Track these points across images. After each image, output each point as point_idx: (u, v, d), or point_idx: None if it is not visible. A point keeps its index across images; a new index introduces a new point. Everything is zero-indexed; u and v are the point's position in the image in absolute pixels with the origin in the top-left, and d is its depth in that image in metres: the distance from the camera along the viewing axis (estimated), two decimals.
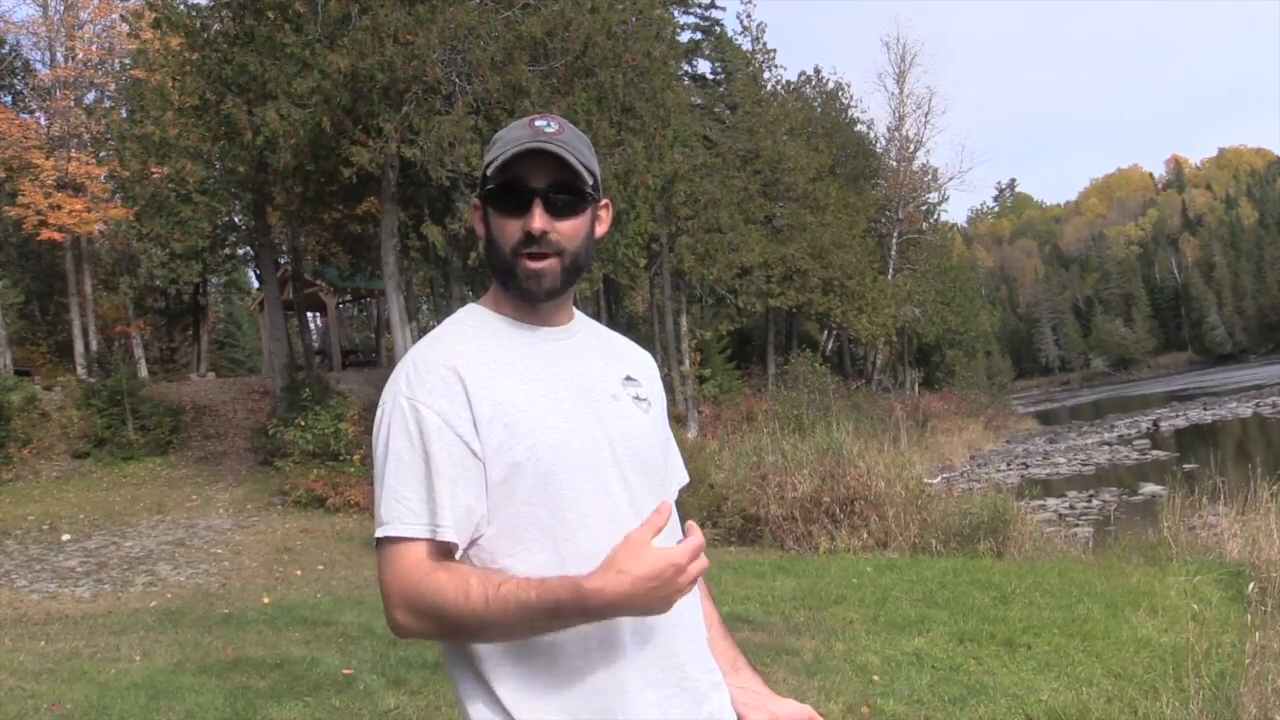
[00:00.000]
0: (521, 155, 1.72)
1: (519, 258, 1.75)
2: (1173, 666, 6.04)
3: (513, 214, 1.75)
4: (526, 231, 1.74)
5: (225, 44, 18.36)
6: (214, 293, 41.52)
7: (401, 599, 1.62)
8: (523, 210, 1.74)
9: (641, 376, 1.90)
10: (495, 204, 1.77)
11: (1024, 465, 29.86)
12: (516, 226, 1.75)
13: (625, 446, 1.77)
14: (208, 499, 18.61)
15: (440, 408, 1.66)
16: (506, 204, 1.76)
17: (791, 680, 6.17)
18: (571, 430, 1.71)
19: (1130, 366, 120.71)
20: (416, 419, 1.66)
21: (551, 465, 1.67)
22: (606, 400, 1.79)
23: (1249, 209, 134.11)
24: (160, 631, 8.96)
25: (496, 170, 1.75)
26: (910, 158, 50.67)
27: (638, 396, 1.86)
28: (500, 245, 1.77)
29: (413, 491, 1.65)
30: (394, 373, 1.76)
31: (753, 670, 1.98)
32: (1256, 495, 10.25)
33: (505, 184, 1.75)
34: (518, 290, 1.78)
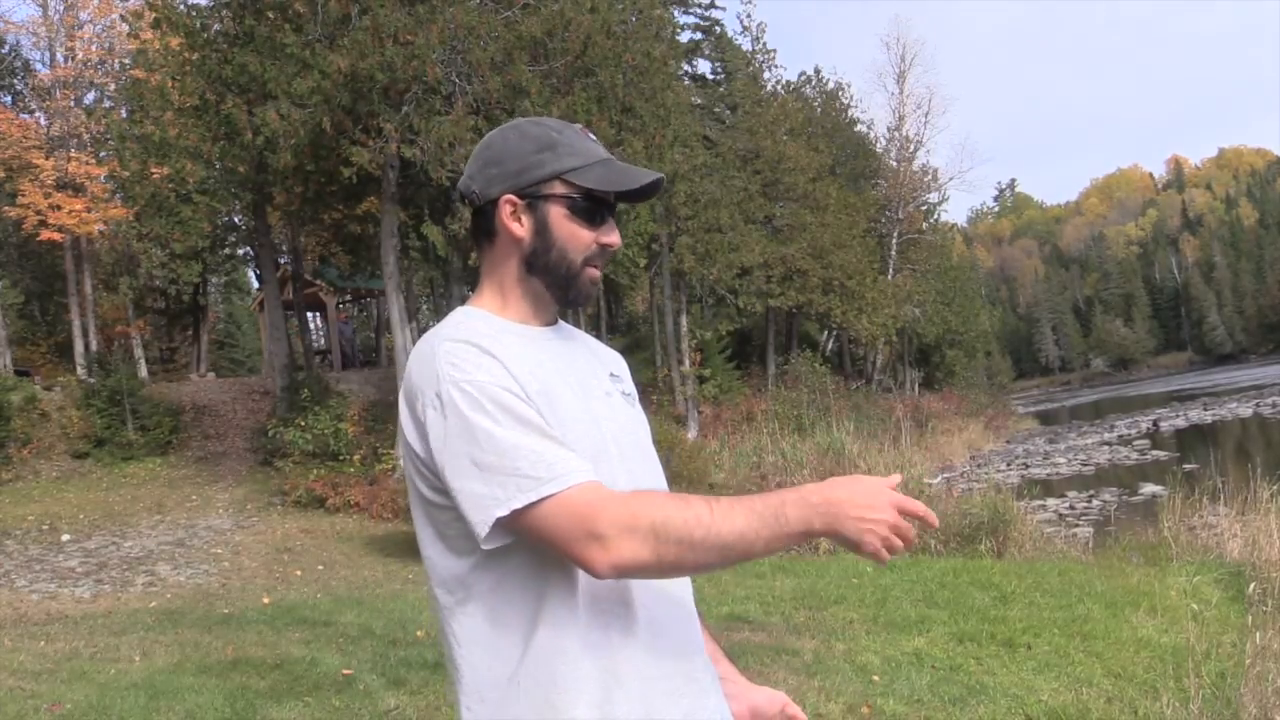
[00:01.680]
0: (630, 177, 1.78)
1: (587, 266, 1.78)
2: (1173, 667, 6.04)
3: (590, 225, 1.77)
4: (603, 244, 1.78)
5: (225, 44, 18.35)
6: (214, 293, 41.51)
7: (615, 525, 1.51)
8: (598, 223, 1.78)
9: (621, 373, 1.93)
10: (580, 214, 1.77)
11: (1024, 465, 29.85)
12: (591, 237, 1.77)
13: (626, 439, 1.79)
14: (207, 499, 18.60)
15: (497, 377, 1.63)
16: (587, 215, 1.77)
17: (791, 680, 6.17)
18: (588, 424, 1.71)
19: (1130, 367, 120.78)
20: (483, 393, 1.61)
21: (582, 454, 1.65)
22: (602, 396, 1.80)
23: (1249, 209, 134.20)
24: (160, 632, 8.96)
25: (596, 182, 1.76)
26: (910, 158, 50.65)
27: (624, 393, 1.88)
28: (569, 253, 1.77)
29: (541, 446, 1.57)
30: (418, 370, 1.68)
31: (729, 662, 2.00)
32: (1256, 495, 10.26)
33: (592, 196, 1.76)
34: (574, 294, 1.80)
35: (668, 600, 1.73)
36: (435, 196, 18.78)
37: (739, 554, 1.54)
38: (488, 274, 1.84)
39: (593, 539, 1.51)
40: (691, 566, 1.56)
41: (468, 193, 1.82)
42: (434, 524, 1.68)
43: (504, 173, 1.77)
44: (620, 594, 1.65)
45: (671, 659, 1.70)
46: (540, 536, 1.56)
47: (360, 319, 39.31)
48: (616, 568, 1.52)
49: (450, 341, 1.67)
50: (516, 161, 1.77)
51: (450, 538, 1.65)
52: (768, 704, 1.97)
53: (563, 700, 1.59)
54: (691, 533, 1.50)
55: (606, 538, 1.51)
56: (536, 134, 1.79)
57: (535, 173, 1.76)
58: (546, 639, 1.60)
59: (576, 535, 1.52)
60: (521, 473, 1.55)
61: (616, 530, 1.51)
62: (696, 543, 1.51)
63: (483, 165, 1.81)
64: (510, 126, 1.85)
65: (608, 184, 1.76)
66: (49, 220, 26.87)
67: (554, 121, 1.83)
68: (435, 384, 1.63)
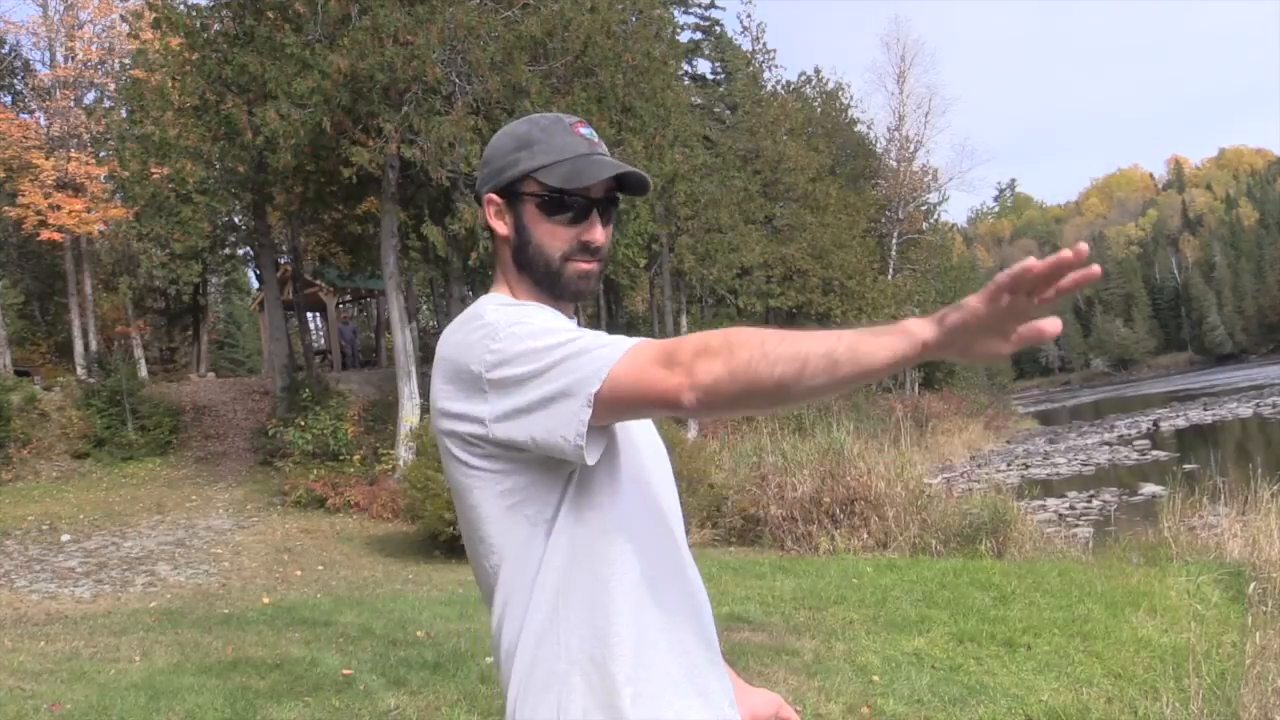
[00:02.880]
0: (595, 170, 1.75)
1: (568, 262, 1.77)
2: (1173, 667, 6.04)
3: (567, 223, 1.77)
4: (583, 241, 1.77)
5: (225, 44, 18.35)
6: (214, 293, 41.50)
7: (688, 349, 1.46)
8: (578, 219, 1.77)
9: None
10: (550, 211, 1.76)
11: (1024, 465, 29.84)
12: (570, 235, 1.77)
13: (639, 432, 1.80)
14: (207, 499, 18.60)
15: (549, 315, 1.66)
16: (563, 213, 1.76)
17: (791, 680, 6.17)
18: None
19: (1130, 367, 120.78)
20: (537, 319, 1.62)
21: (616, 442, 1.67)
22: None
23: (1249, 209, 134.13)
24: (160, 632, 8.95)
25: (560, 180, 1.74)
26: (910, 158, 50.61)
27: None
28: (546, 250, 1.77)
29: (588, 340, 1.55)
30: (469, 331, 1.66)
31: (726, 663, 2.02)
32: (1257, 495, 10.25)
33: (567, 193, 1.75)
34: (562, 291, 1.79)
35: (702, 598, 1.78)
36: (435, 196, 18.78)
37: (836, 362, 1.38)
38: (498, 270, 1.87)
39: (673, 366, 1.46)
40: (778, 382, 1.41)
41: (475, 191, 1.87)
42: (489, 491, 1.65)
43: (490, 172, 1.81)
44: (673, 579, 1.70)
45: (706, 657, 1.73)
46: (629, 399, 1.50)
47: (360, 319, 39.29)
48: (699, 389, 1.44)
49: (494, 306, 1.70)
50: (499, 161, 1.80)
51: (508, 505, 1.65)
52: (763, 706, 1.99)
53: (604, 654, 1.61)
54: (764, 342, 1.41)
55: (683, 363, 1.45)
56: (521, 133, 1.81)
57: (510, 172, 1.78)
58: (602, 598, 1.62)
59: (656, 375, 1.47)
60: (588, 352, 1.52)
61: (690, 354, 1.45)
62: (770, 352, 1.40)
63: (482, 164, 1.85)
64: (506, 126, 1.86)
65: (569, 180, 1.74)
66: (49, 220, 26.88)
67: (547, 118, 1.82)
68: (492, 334, 1.61)
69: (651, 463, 1.78)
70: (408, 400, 18.76)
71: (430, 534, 13.91)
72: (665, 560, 1.71)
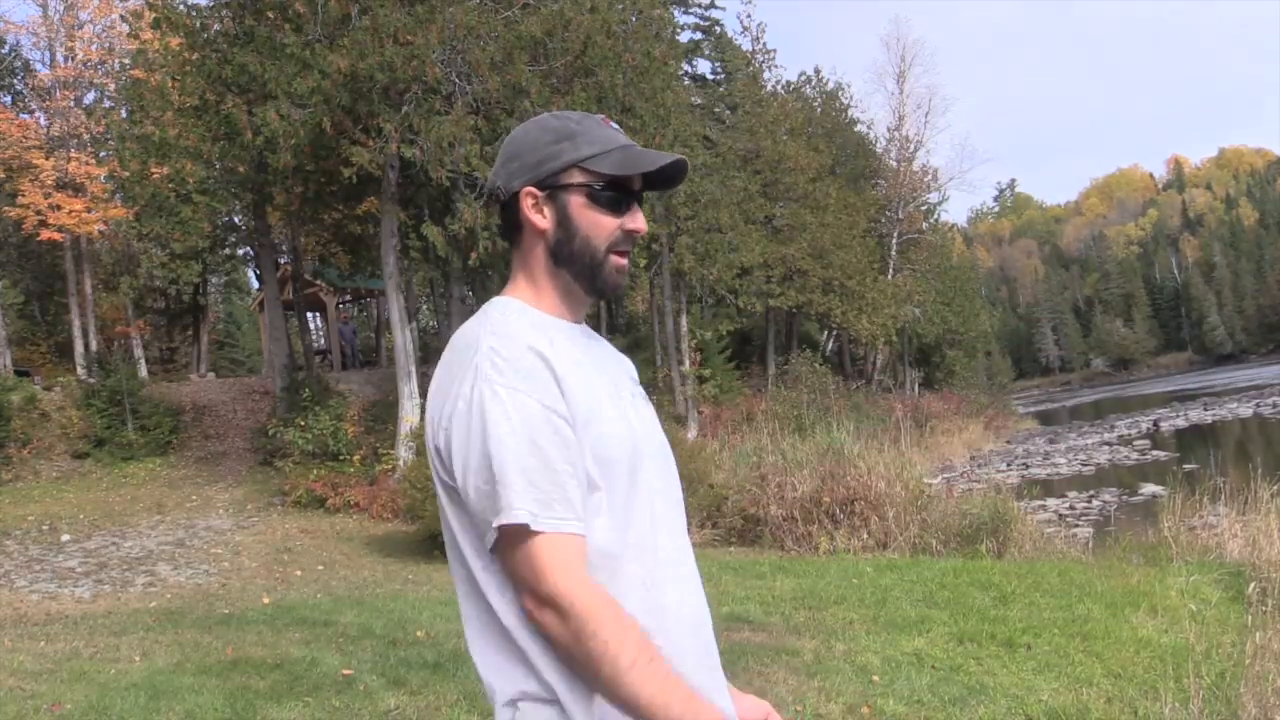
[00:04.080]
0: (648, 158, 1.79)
1: (610, 255, 1.79)
2: (1173, 667, 6.04)
3: (614, 213, 1.79)
4: (628, 231, 1.79)
5: (225, 44, 18.35)
6: (214, 293, 41.50)
7: (560, 592, 1.56)
8: (624, 210, 1.79)
9: (635, 378, 1.96)
10: (599, 201, 1.78)
11: (1024, 465, 29.85)
12: (615, 224, 1.79)
13: (649, 439, 1.81)
14: (207, 499, 18.61)
15: (539, 394, 1.63)
16: (609, 202, 1.78)
17: (791, 680, 6.17)
18: (623, 422, 1.74)
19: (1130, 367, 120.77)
20: (520, 407, 1.62)
21: (619, 455, 1.69)
22: (629, 398, 1.83)
23: (1249, 209, 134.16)
24: (160, 632, 8.95)
25: (614, 167, 1.77)
26: (910, 158, 50.60)
27: (643, 396, 1.91)
28: (593, 242, 1.78)
29: (544, 482, 1.60)
30: (464, 360, 1.69)
31: None
32: (1257, 495, 10.25)
33: (617, 183, 1.78)
34: (600, 284, 1.81)
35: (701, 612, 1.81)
36: (435, 196, 18.78)
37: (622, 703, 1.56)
38: (519, 268, 1.85)
39: (543, 596, 1.56)
40: (581, 676, 1.58)
41: (493, 189, 1.84)
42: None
43: (523, 165, 1.79)
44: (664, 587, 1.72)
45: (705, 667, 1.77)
46: (509, 561, 1.61)
47: (360, 319, 39.29)
48: (539, 622, 1.58)
49: (496, 337, 1.69)
50: (535, 154, 1.79)
51: None
52: (752, 710, 1.98)
53: None
54: (619, 653, 1.54)
55: (548, 599, 1.56)
56: (555, 125, 1.81)
57: (553, 163, 1.77)
58: None
59: (532, 584, 1.58)
60: (519, 494, 1.58)
61: (557, 599, 1.55)
62: (599, 670, 1.54)
63: (505, 160, 1.82)
64: (532, 121, 1.86)
65: (624, 168, 1.77)
66: (49, 220, 26.88)
67: (575, 114, 1.84)
68: (473, 377, 1.65)
69: (656, 479, 1.78)
70: (408, 400, 18.76)
71: (430, 534, 13.91)
72: (658, 577, 1.71)
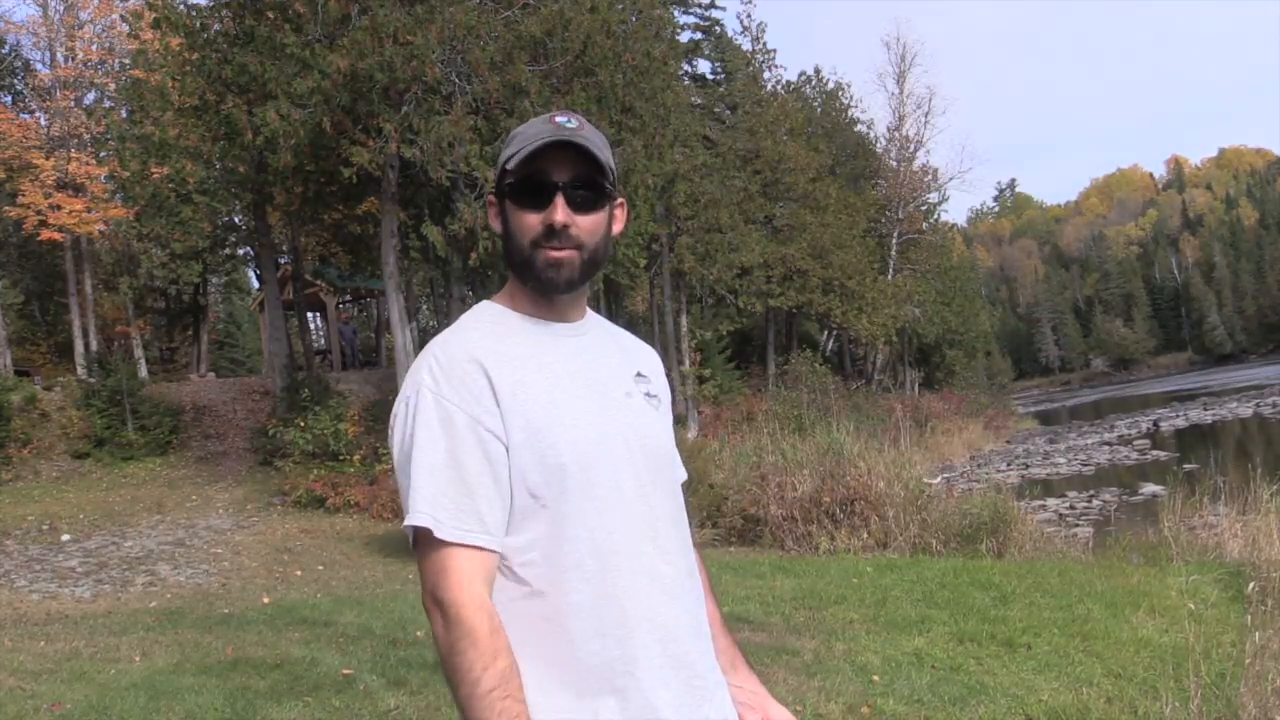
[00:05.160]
0: (544, 149, 1.74)
1: (538, 249, 1.76)
2: (1173, 666, 6.04)
3: (533, 208, 1.77)
4: (548, 224, 1.76)
5: (225, 44, 18.33)
6: (214, 293, 41.50)
7: (449, 600, 1.62)
8: (543, 204, 1.76)
9: (650, 373, 1.93)
10: (516, 197, 1.78)
11: (1024, 465, 29.86)
12: (536, 219, 1.76)
13: (639, 443, 1.80)
14: (207, 499, 18.61)
15: (469, 407, 1.66)
16: (527, 197, 1.77)
17: (792, 680, 6.17)
18: (589, 426, 1.73)
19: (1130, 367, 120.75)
20: (446, 417, 1.66)
21: (570, 461, 1.69)
22: (620, 397, 1.81)
23: (1249, 209, 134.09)
24: (160, 632, 8.96)
25: (519, 164, 1.76)
26: (910, 158, 50.64)
27: (648, 393, 1.89)
28: (519, 238, 1.78)
29: (454, 492, 1.65)
30: (416, 365, 1.75)
31: (749, 670, 2.02)
32: (1256, 495, 10.26)
33: (527, 177, 1.76)
34: (536, 282, 1.79)
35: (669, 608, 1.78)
36: (435, 196, 18.77)
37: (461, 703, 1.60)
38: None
39: (435, 599, 1.63)
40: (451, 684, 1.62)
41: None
42: None
43: (496, 174, 1.84)
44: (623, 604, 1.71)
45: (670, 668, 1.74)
46: (418, 559, 1.69)
47: (360, 319, 39.28)
48: (429, 621, 1.65)
49: (449, 348, 1.73)
50: (498, 163, 1.82)
51: None
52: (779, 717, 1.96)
53: None
54: (463, 680, 1.58)
55: (438, 603, 1.63)
56: (515, 131, 1.83)
57: (497, 169, 1.82)
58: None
59: (429, 587, 1.65)
60: (426, 500, 1.65)
61: (452, 606, 1.61)
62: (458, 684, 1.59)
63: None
64: None
65: (520, 161, 1.76)
66: (49, 220, 26.88)
67: (544, 115, 1.83)
68: (415, 381, 1.72)
69: (630, 483, 1.77)
70: None
71: None
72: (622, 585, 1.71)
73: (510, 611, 1.66)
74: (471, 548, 1.63)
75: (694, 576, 1.86)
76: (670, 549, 1.79)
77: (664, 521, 1.80)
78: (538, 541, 1.68)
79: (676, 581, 1.78)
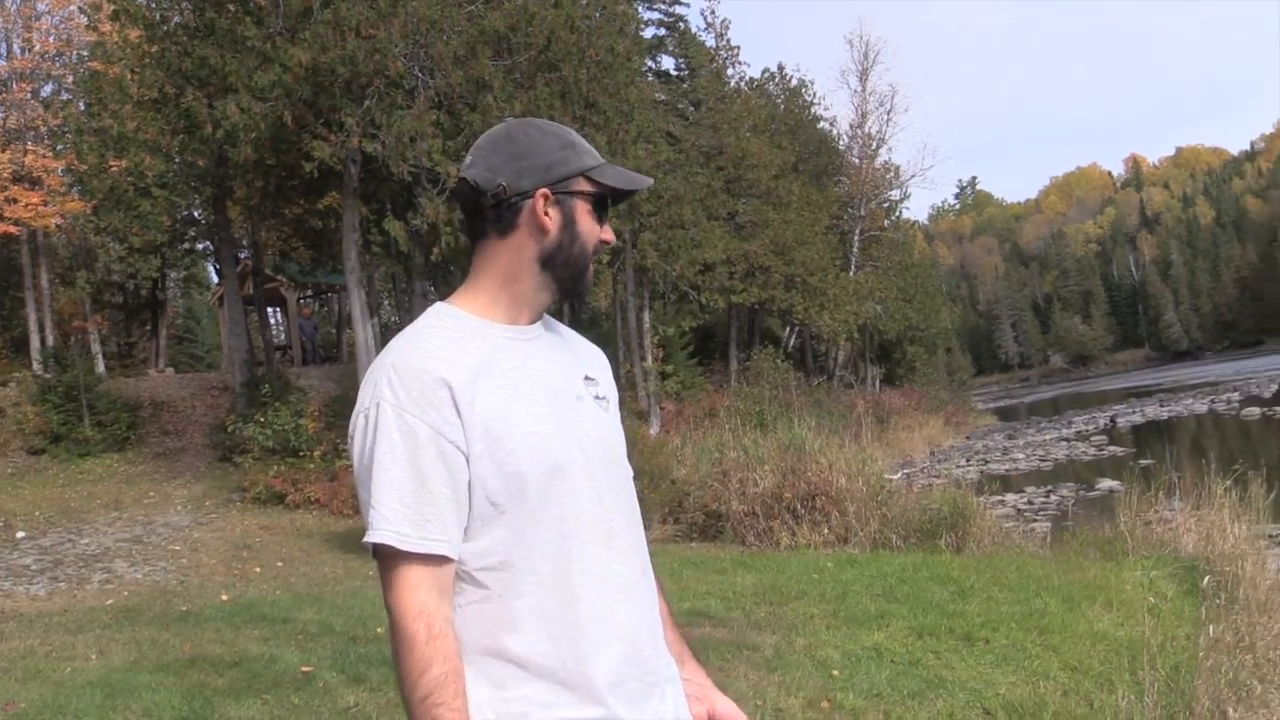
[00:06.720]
0: (639, 179, 1.89)
1: (591, 261, 1.87)
2: (1128, 659, 6.11)
3: (599, 223, 1.86)
4: (604, 241, 1.86)
5: (185, 37, 18.17)
6: (173, 288, 41.03)
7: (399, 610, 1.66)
8: (602, 221, 1.87)
9: (598, 375, 1.95)
10: (597, 211, 1.85)
11: (983, 461, 30.10)
12: (598, 234, 1.86)
13: (593, 447, 1.82)
14: (165, 495, 18.44)
15: (430, 418, 1.67)
16: (600, 213, 1.87)
17: (752, 675, 6.20)
18: (546, 433, 1.75)
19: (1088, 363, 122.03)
20: (407, 429, 1.67)
21: (529, 469, 1.71)
22: (572, 401, 1.83)
23: (1205, 208, 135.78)
24: (116, 629, 8.87)
25: (617, 181, 1.85)
26: (873, 155, 50.84)
27: (598, 396, 1.91)
28: (585, 244, 1.84)
29: (415, 503, 1.67)
30: (371, 376, 1.75)
31: (697, 663, 2.07)
32: (1211, 490, 10.37)
33: (606, 193, 1.85)
34: (582, 289, 1.88)
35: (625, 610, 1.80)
36: (397, 191, 18.68)
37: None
38: (488, 268, 1.85)
39: (385, 607, 1.69)
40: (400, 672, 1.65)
41: (490, 185, 1.81)
42: None
43: (534, 166, 1.81)
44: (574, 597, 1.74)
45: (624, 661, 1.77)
46: (379, 567, 1.72)
47: (321, 314, 39.04)
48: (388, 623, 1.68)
49: (399, 354, 1.74)
50: (545, 157, 1.81)
51: None
52: (730, 717, 2.00)
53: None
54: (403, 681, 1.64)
55: (387, 610, 1.68)
56: (557, 131, 1.85)
57: (563, 168, 1.81)
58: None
59: (384, 590, 1.70)
60: (385, 517, 1.68)
61: (396, 616, 1.66)
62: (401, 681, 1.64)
63: (510, 158, 1.82)
64: (526, 123, 1.88)
65: (622, 182, 1.85)
66: (4, 213, 26.47)
67: (564, 129, 1.90)
68: (374, 394, 1.72)
69: (585, 489, 1.79)
70: None
71: None
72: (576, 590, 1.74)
73: (468, 615, 1.70)
74: (428, 557, 1.67)
75: (648, 575, 1.89)
76: (624, 549, 1.82)
77: (618, 522, 1.83)
78: (496, 547, 1.71)
79: (631, 580, 1.82)
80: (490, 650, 1.69)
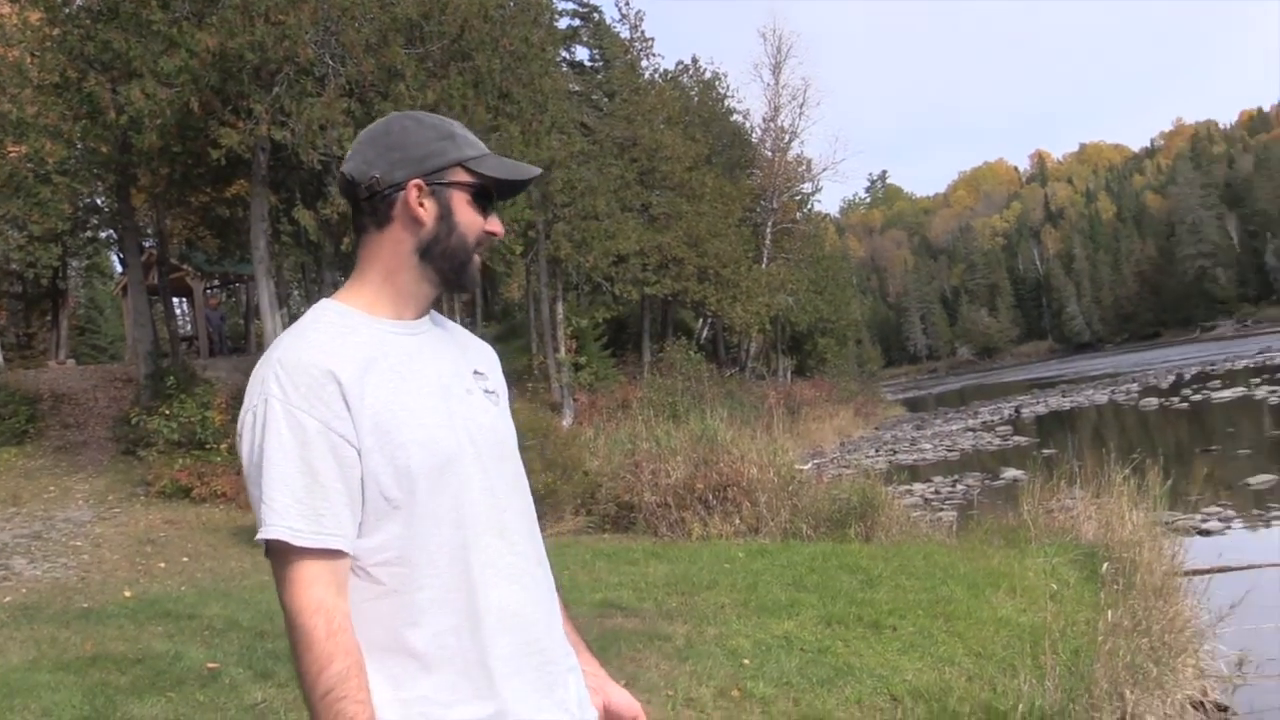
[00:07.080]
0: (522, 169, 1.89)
1: (474, 253, 1.85)
2: (1030, 645, 6.25)
3: (482, 214, 1.85)
4: (489, 233, 1.85)
5: (88, 19, 17.73)
6: (74, 277, 40.08)
7: (294, 608, 1.64)
8: (486, 212, 1.85)
9: (487, 369, 1.96)
10: (476, 202, 1.83)
11: (892, 451, 30.55)
12: (480, 226, 1.84)
13: (483, 440, 1.82)
14: (66, 490, 18.00)
15: (319, 412, 1.66)
16: (482, 204, 1.84)
17: (664, 665, 6.24)
18: (437, 426, 1.75)
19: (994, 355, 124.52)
20: (296, 425, 1.65)
21: (420, 462, 1.70)
22: (462, 394, 1.83)
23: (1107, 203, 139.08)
24: (14, 628, 8.65)
25: (496, 171, 1.84)
26: (785, 148, 51.23)
27: (487, 390, 1.92)
28: (467, 239, 1.83)
29: (308, 498, 1.65)
30: (258, 373, 1.73)
31: (590, 654, 2.09)
32: (1110, 479, 10.62)
33: (488, 185, 1.84)
34: (467, 282, 1.88)
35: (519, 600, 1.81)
36: (307, 180, 18.44)
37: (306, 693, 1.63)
38: (370, 262, 1.85)
39: (281, 605, 1.66)
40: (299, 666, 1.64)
41: (364, 178, 1.81)
42: None
43: (408, 158, 1.80)
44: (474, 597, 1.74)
45: (522, 653, 1.78)
46: (271, 564, 1.69)
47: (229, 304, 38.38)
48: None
49: (286, 350, 1.72)
50: (420, 148, 1.80)
51: None
52: (625, 708, 2.02)
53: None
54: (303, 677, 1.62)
55: (283, 609, 1.65)
56: (435, 123, 1.85)
57: (439, 159, 1.80)
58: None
59: (278, 588, 1.67)
60: (278, 513, 1.64)
61: (292, 613, 1.63)
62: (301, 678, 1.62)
63: (384, 150, 1.82)
64: (405, 115, 1.87)
65: (503, 172, 1.84)
66: None
67: (439, 116, 1.89)
68: (262, 391, 1.70)
69: (477, 479, 1.80)
70: None
71: None
72: (473, 579, 1.75)
73: (365, 612, 1.69)
74: (323, 552, 1.65)
75: (544, 565, 1.90)
76: (518, 540, 1.83)
77: (510, 514, 1.84)
78: (391, 542, 1.71)
79: (526, 570, 1.83)
80: (389, 646, 1.68)
